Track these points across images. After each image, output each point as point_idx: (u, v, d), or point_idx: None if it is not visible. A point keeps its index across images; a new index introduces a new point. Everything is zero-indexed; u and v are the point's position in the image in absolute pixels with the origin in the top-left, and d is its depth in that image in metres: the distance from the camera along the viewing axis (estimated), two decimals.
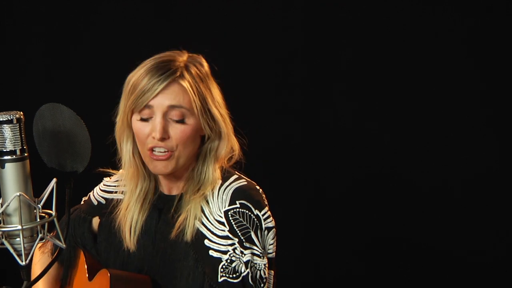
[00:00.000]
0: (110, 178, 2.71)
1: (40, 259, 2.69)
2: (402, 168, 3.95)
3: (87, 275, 2.59)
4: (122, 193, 2.63)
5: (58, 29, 3.90)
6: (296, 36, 3.97)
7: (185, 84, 2.39)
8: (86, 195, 2.75)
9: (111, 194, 2.68)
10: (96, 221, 2.67)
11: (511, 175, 3.85)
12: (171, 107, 2.38)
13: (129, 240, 2.53)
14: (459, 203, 3.93)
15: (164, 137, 2.37)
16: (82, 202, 2.74)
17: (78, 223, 2.68)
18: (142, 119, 2.41)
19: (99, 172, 2.70)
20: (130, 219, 2.54)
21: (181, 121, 2.39)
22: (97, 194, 2.71)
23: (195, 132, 2.43)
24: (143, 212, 2.56)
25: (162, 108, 2.38)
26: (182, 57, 2.45)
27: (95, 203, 2.69)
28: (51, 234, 1.95)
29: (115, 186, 2.69)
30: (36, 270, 2.64)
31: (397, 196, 3.95)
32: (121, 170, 2.65)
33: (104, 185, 2.71)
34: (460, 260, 3.92)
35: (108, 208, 2.64)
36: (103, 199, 2.68)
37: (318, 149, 3.95)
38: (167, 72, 2.39)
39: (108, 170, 2.72)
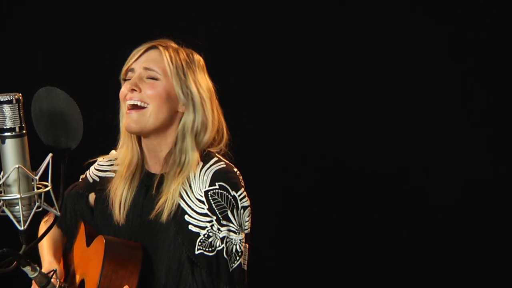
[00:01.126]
0: (103, 158, 2.73)
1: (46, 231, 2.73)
2: (367, 160, 3.88)
3: (85, 241, 2.63)
4: (114, 172, 2.65)
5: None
6: (274, 34, 3.92)
7: (163, 52, 2.46)
8: (83, 173, 2.77)
9: (105, 173, 2.69)
10: (92, 196, 2.69)
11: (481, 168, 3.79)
12: (146, 68, 2.45)
13: (119, 215, 2.56)
14: (418, 189, 3.88)
15: (135, 88, 2.43)
16: (80, 180, 2.76)
17: (77, 199, 2.70)
18: (125, 80, 2.51)
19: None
20: (120, 196, 2.57)
21: (153, 78, 2.45)
22: (92, 173, 2.73)
23: (166, 92, 2.46)
24: (131, 190, 2.57)
25: (139, 69, 2.46)
26: (175, 44, 2.55)
27: (91, 181, 2.71)
28: (54, 207, 1.97)
29: (108, 165, 2.70)
30: (43, 241, 2.70)
31: (363, 185, 3.89)
32: (112, 151, 2.69)
33: (98, 164, 2.73)
34: (420, 244, 3.87)
35: (102, 185, 2.66)
36: (97, 177, 2.70)
37: (295, 143, 3.89)
38: (150, 44, 2.51)
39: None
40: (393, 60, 3.80)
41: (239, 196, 2.44)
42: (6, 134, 1.87)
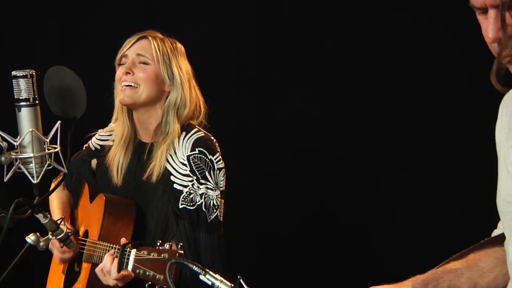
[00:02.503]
0: (103, 130, 2.82)
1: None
2: (338, 148, 3.70)
3: (88, 199, 2.73)
4: (113, 141, 2.74)
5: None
6: (256, 28, 3.80)
7: (152, 41, 2.60)
8: (86, 143, 2.85)
9: (105, 142, 2.79)
10: (94, 162, 2.80)
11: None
12: (138, 54, 2.59)
13: (116, 177, 2.66)
14: (381, 174, 3.68)
15: (129, 72, 2.56)
16: (84, 148, 2.84)
17: (82, 164, 2.80)
18: (120, 65, 2.62)
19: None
20: (117, 162, 2.67)
21: (144, 63, 2.58)
22: (94, 142, 2.81)
23: (155, 75, 2.59)
24: (127, 156, 2.67)
25: (132, 55, 2.58)
26: (162, 35, 2.66)
27: (93, 148, 2.80)
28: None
29: (107, 135, 2.79)
30: (51, 197, 2.80)
31: (335, 169, 3.74)
32: (111, 124, 2.79)
33: (99, 135, 2.82)
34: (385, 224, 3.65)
35: (103, 152, 2.76)
36: (99, 146, 2.79)
37: (271, 132, 3.78)
38: (141, 34, 2.63)
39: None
40: (369, 52, 3.66)
41: (215, 159, 2.56)
42: (21, 103, 1.93)
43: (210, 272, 1.67)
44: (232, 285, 1.65)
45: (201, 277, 1.68)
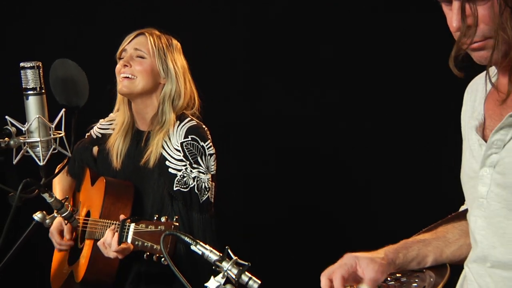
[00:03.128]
0: (104, 120, 2.86)
1: (58, 176, 2.81)
2: (320, 145, 3.68)
3: (90, 183, 2.77)
4: (113, 129, 2.78)
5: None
6: (246, 30, 3.76)
7: (148, 37, 2.65)
8: (88, 132, 2.88)
9: (105, 131, 2.83)
10: (95, 149, 2.83)
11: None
12: (135, 49, 2.63)
13: (116, 162, 2.71)
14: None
15: (127, 64, 2.61)
16: (86, 137, 2.87)
17: (84, 151, 2.84)
18: (120, 59, 2.66)
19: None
20: (117, 147, 2.72)
21: (141, 57, 2.63)
22: (95, 130, 2.85)
23: (150, 68, 2.63)
24: (125, 143, 2.71)
25: (130, 50, 2.64)
26: (159, 32, 2.70)
27: (95, 137, 2.84)
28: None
29: (108, 125, 2.83)
30: (55, 182, 2.86)
31: (316, 167, 3.71)
32: (111, 114, 2.83)
33: (100, 124, 2.86)
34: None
35: (103, 140, 2.80)
36: (100, 134, 2.83)
37: (259, 129, 3.73)
38: (139, 31, 2.68)
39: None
40: (352, 55, 3.60)
41: (206, 146, 2.61)
42: (29, 92, 1.98)
43: (200, 243, 1.71)
44: (221, 254, 1.68)
45: (192, 247, 1.71)
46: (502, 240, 1.49)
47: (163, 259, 2.16)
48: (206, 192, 2.58)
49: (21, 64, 1.99)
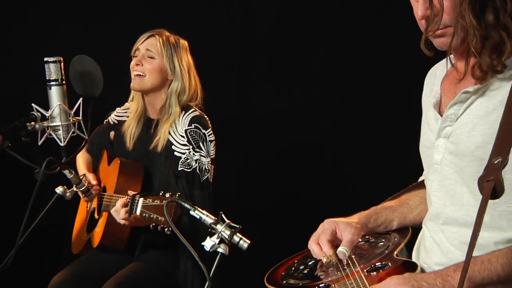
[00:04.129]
0: (120, 108, 2.91)
1: (81, 155, 2.92)
2: (307, 137, 3.65)
3: (107, 163, 2.83)
4: (127, 117, 2.84)
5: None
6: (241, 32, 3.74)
7: (158, 39, 2.69)
8: (106, 118, 2.93)
9: (121, 118, 2.88)
10: (112, 133, 2.89)
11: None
12: (147, 49, 2.68)
13: (129, 143, 2.77)
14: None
15: (139, 63, 2.67)
16: (104, 123, 2.92)
17: (102, 135, 2.89)
18: (134, 57, 2.71)
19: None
20: (130, 130, 2.78)
21: (151, 58, 2.68)
22: (112, 117, 2.90)
23: (159, 67, 2.69)
24: (138, 128, 2.78)
25: (142, 50, 2.69)
26: (169, 32, 2.74)
27: (112, 123, 2.90)
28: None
29: (123, 113, 2.89)
30: (78, 160, 2.90)
31: (304, 157, 3.68)
32: (126, 104, 2.88)
33: (117, 112, 2.91)
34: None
35: (119, 126, 2.86)
36: (116, 121, 2.89)
37: (252, 125, 3.71)
38: (150, 32, 2.72)
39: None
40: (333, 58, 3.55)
41: (207, 133, 2.67)
42: (52, 83, 2.05)
43: (198, 209, 1.75)
44: (215, 218, 1.73)
45: (191, 212, 1.75)
46: (452, 200, 1.57)
47: (166, 229, 2.21)
48: (206, 173, 2.64)
49: (45, 59, 2.05)
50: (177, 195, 2.23)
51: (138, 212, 2.23)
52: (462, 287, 1.13)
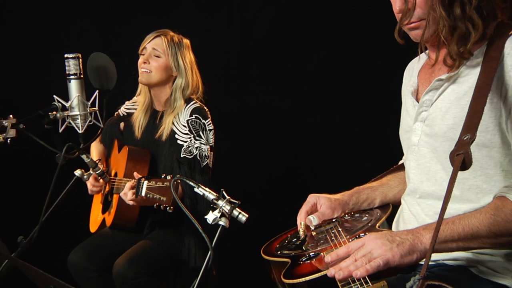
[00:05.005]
0: (129, 102, 2.93)
1: (94, 145, 2.96)
2: (299, 125, 3.63)
3: (117, 150, 2.86)
4: (135, 109, 2.87)
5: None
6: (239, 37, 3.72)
7: (164, 39, 2.71)
8: (117, 111, 2.95)
9: (130, 110, 2.91)
10: (122, 124, 2.91)
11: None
12: (153, 49, 2.70)
13: (137, 132, 2.80)
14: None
15: (146, 61, 2.69)
16: (115, 115, 2.94)
17: (113, 126, 2.92)
18: (141, 54, 2.73)
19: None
20: (139, 121, 2.81)
21: (158, 56, 2.70)
22: (122, 110, 2.93)
23: (165, 65, 2.71)
24: (145, 118, 2.81)
25: (149, 48, 2.70)
26: (173, 32, 2.76)
27: (121, 115, 2.92)
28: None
29: (132, 106, 2.91)
30: (92, 147, 2.94)
31: (295, 143, 3.65)
32: (134, 97, 2.90)
33: (126, 105, 2.93)
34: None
35: (128, 117, 2.88)
36: (125, 113, 2.91)
37: (248, 114, 3.72)
38: (157, 32, 2.73)
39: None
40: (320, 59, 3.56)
41: (207, 123, 2.70)
42: (71, 77, 2.07)
43: (201, 186, 1.77)
44: (217, 195, 1.75)
45: (195, 189, 1.77)
46: (428, 176, 1.62)
47: (168, 207, 2.23)
48: (205, 159, 2.67)
49: (65, 55, 2.07)
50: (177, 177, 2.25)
51: (143, 194, 2.25)
52: (434, 242, 1.18)
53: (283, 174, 3.64)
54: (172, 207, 2.25)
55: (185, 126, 2.69)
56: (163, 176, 2.20)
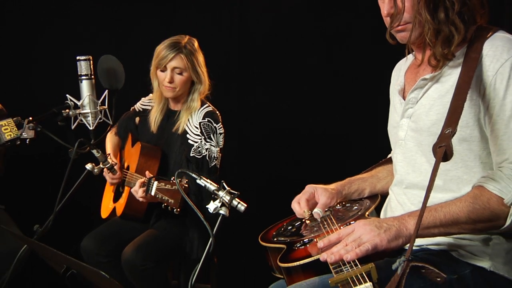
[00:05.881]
0: (145, 98, 2.91)
1: (109, 137, 2.95)
2: (295, 125, 3.62)
3: (131, 144, 2.87)
4: (151, 106, 2.86)
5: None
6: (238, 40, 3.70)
7: (183, 56, 2.65)
8: (133, 106, 2.93)
9: (145, 106, 2.90)
10: (137, 119, 2.90)
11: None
12: (175, 68, 2.66)
13: (153, 126, 2.79)
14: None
15: (171, 81, 2.65)
16: (131, 110, 2.93)
17: (129, 120, 2.90)
18: (161, 71, 2.68)
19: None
20: (154, 117, 2.80)
21: (180, 74, 2.67)
22: (138, 106, 2.91)
23: (188, 80, 2.70)
24: (161, 115, 2.80)
25: (170, 68, 2.65)
26: (184, 40, 2.69)
27: (137, 110, 2.91)
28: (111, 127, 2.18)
29: (148, 102, 2.90)
30: (107, 142, 2.93)
31: (292, 143, 3.63)
32: (150, 94, 2.88)
33: (142, 101, 2.91)
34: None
35: (144, 113, 2.87)
36: (141, 109, 2.90)
37: (248, 114, 3.69)
38: (174, 49, 2.65)
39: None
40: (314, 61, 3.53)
41: (218, 126, 2.71)
42: (83, 77, 2.09)
43: (203, 178, 1.78)
44: (218, 186, 1.76)
45: (198, 181, 1.78)
46: (413, 168, 1.64)
47: (174, 209, 2.26)
48: (214, 160, 2.68)
49: (77, 57, 2.09)
50: (183, 179, 2.21)
51: (153, 193, 2.27)
52: (418, 227, 1.19)
53: (283, 173, 3.63)
54: (179, 209, 2.27)
55: (197, 128, 2.69)
56: (172, 179, 2.22)
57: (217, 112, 2.76)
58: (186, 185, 2.21)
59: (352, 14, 3.37)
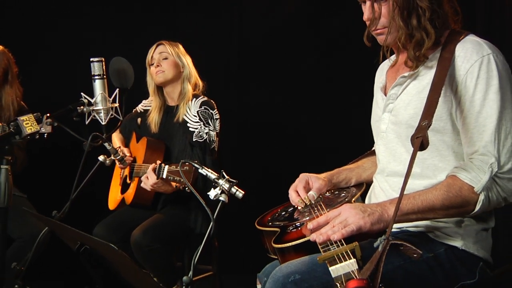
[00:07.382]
0: (146, 100, 2.95)
1: (115, 135, 2.98)
2: (289, 123, 3.65)
3: (135, 141, 2.88)
4: (151, 107, 2.90)
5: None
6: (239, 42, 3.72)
7: (166, 44, 2.77)
8: (135, 108, 2.97)
9: (147, 107, 2.94)
10: (139, 120, 2.94)
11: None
12: (160, 53, 2.75)
13: (154, 128, 2.83)
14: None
15: (158, 65, 2.73)
16: (133, 111, 2.97)
17: (131, 121, 2.95)
18: (152, 65, 2.76)
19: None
20: (154, 119, 2.84)
21: (166, 58, 2.74)
22: (139, 107, 2.96)
23: (173, 62, 2.76)
24: (160, 114, 2.84)
25: (156, 55, 2.74)
26: (169, 42, 2.80)
27: (139, 111, 2.95)
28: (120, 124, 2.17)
29: (148, 103, 2.94)
30: (114, 139, 2.95)
31: (286, 139, 3.66)
32: (150, 97, 2.91)
33: (143, 103, 2.96)
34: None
35: (145, 114, 2.91)
36: (143, 110, 2.94)
37: (248, 114, 3.69)
38: (157, 43, 2.78)
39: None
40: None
41: (214, 112, 2.75)
42: (96, 77, 2.08)
43: (204, 168, 1.80)
44: (218, 174, 1.78)
45: (199, 170, 1.80)
46: (394, 158, 1.66)
47: (186, 188, 2.27)
48: (213, 143, 2.71)
49: (91, 59, 2.08)
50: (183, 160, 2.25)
51: (164, 176, 2.30)
52: (396, 213, 1.22)
53: (278, 166, 3.63)
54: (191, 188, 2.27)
55: (195, 116, 2.73)
56: (181, 162, 2.18)
57: (212, 100, 2.79)
58: (192, 167, 2.22)
59: (349, 17, 3.25)
